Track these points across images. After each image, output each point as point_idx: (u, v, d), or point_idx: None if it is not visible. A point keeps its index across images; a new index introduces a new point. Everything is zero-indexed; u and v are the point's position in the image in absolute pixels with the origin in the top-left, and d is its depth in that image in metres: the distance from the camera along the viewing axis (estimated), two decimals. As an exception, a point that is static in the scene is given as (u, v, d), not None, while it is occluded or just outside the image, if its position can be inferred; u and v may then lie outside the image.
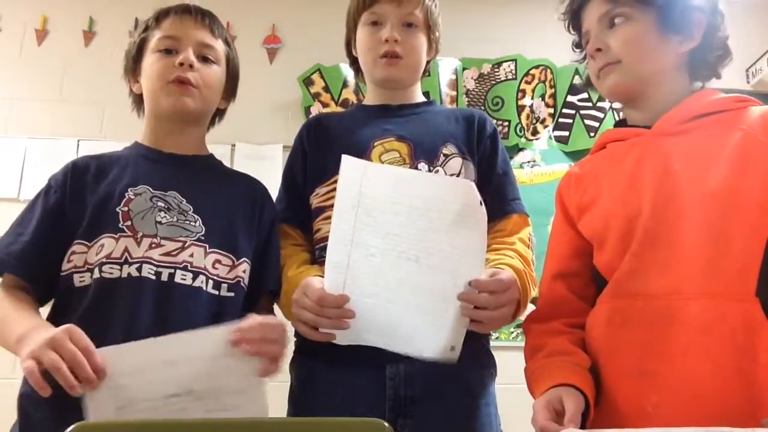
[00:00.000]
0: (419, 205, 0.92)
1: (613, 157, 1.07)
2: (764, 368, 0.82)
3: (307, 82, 2.88)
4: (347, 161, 0.93)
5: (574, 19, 1.13)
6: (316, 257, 1.15)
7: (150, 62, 1.15)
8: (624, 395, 0.92)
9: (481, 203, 0.94)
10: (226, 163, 2.69)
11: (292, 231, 1.19)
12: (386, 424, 0.72)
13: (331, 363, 1.09)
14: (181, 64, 1.12)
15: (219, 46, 1.20)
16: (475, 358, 1.13)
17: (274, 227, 1.19)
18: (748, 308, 0.85)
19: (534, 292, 1.11)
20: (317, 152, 1.21)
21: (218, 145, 2.72)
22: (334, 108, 2.84)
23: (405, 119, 1.22)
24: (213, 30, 1.19)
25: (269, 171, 2.67)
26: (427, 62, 1.28)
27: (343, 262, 0.92)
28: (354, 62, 1.30)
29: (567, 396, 0.89)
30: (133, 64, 1.20)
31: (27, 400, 0.99)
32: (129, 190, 1.09)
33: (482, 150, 1.21)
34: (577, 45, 1.17)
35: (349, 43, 1.29)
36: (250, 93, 2.79)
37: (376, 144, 1.17)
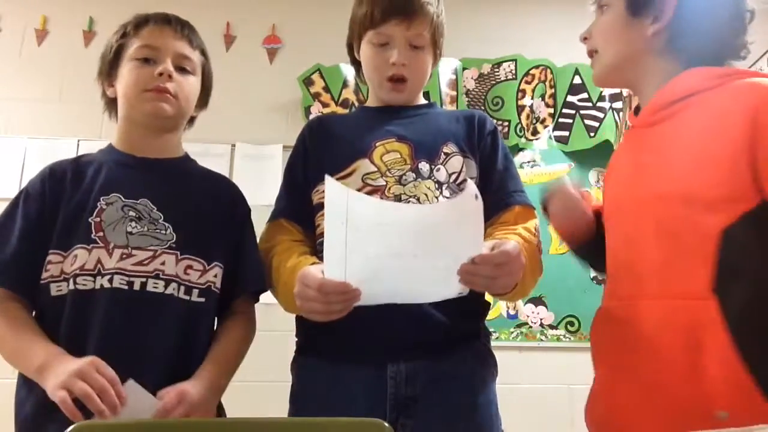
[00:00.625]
0: (406, 228, 0.92)
1: (619, 147, 1.14)
2: (713, 364, 0.83)
3: (307, 82, 2.88)
4: (330, 185, 0.92)
5: None
6: (318, 252, 1.14)
7: (128, 69, 1.16)
8: (606, 390, 0.98)
9: (477, 197, 0.92)
10: (226, 162, 2.75)
11: (291, 227, 1.18)
12: (386, 424, 0.72)
13: (331, 362, 1.09)
14: (161, 74, 1.13)
15: (196, 57, 1.20)
16: (476, 357, 1.13)
17: (246, 227, 1.20)
18: (702, 306, 0.85)
19: (540, 275, 1.13)
20: (319, 152, 1.21)
21: (218, 144, 2.72)
22: (334, 108, 2.84)
23: (407, 120, 1.22)
24: (191, 41, 1.20)
25: (269, 171, 2.67)
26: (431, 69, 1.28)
27: (341, 261, 0.91)
28: (355, 62, 1.30)
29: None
30: (109, 69, 1.21)
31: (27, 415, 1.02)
32: (101, 199, 1.09)
33: (483, 147, 1.21)
34: None
35: (351, 45, 1.28)
36: (250, 93, 2.82)
37: (377, 145, 1.17)
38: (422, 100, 1.30)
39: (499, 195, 1.16)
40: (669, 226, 0.90)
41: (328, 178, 0.92)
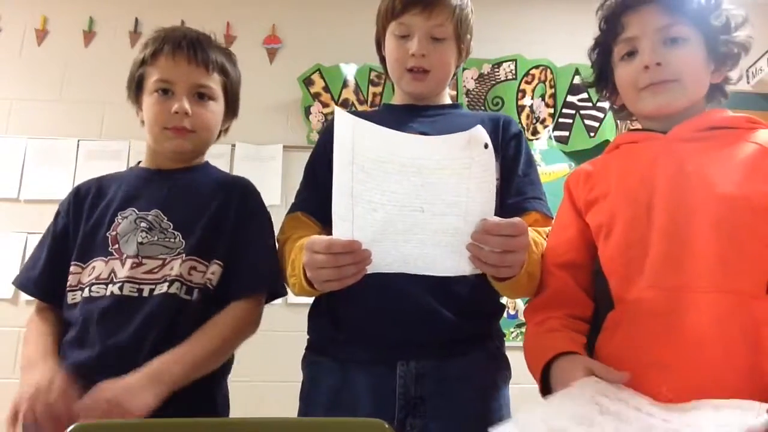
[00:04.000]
0: (410, 164, 0.88)
1: (625, 156, 1.09)
2: None
3: (307, 82, 2.88)
4: (339, 115, 0.89)
5: (614, 19, 1.11)
6: None
7: (148, 104, 1.19)
8: (639, 386, 0.92)
9: (486, 146, 0.89)
10: (226, 162, 2.75)
11: (309, 221, 1.17)
12: (386, 424, 0.72)
13: (341, 361, 1.09)
14: (177, 113, 1.16)
15: (214, 81, 1.21)
16: (488, 359, 1.13)
17: (252, 222, 1.19)
18: (759, 304, 0.88)
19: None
20: None
21: (218, 144, 2.70)
22: (334, 108, 2.84)
23: (430, 119, 1.21)
24: (207, 65, 1.20)
25: (269, 171, 2.66)
26: (456, 66, 1.26)
27: (348, 215, 0.89)
28: (384, 61, 1.28)
29: (582, 361, 0.93)
30: (135, 97, 1.24)
31: None
32: (118, 214, 1.15)
33: (506, 151, 1.19)
34: (600, 44, 1.15)
35: (379, 42, 1.27)
36: (250, 93, 2.79)
37: None
38: (447, 100, 1.29)
39: (518, 199, 1.14)
40: (729, 226, 0.92)
41: (337, 109, 0.89)
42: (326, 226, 1.12)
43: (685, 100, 1.06)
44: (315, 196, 1.17)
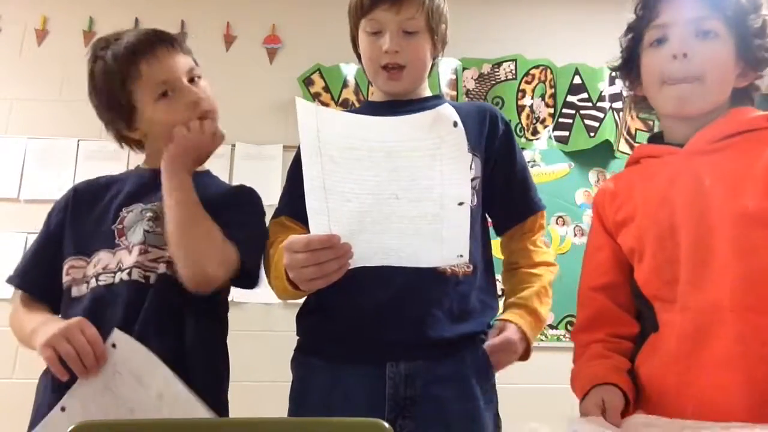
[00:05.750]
0: (379, 148, 0.85)
1: (645, 174, 1.09)
2: None
3: (307, 82, 2.88)
4: (301, 105, 0.85)
5: (650, 4, 1.08)
6: None
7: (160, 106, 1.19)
8: (666, 405, 0.94)
9: (455, 124, 0.85)
10: (226, 162, 2.75)
11: (294, 225, 1.15)
12: (386, 424, 0.72)
13: (331, 361, 1.09)
14: (198, 103, 1.16)
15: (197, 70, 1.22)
16: (478, 360, 1.12)
17: (238, 206, 1.20)
18: None
19: (547, 317, 1.20)
20: None
21: (218, 145, 2.73)
22: (334, 108, 2.84)
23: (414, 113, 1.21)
24: (183, 51, 1.21)
25: (269, 171, 2.67)
26: (433, 58, 1.25)
27: (323, 209, 0.87)
28: (360, 58, 1.26)
29: (607, 393, 0.96)
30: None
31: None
32: (123, 209, 1.16)
33: (497, 147, 1.18)
34: (632, 29, 1.12)
35: (354, 39, 1.26)
36: (250, 93, 2.82)
37: None
38: (428, 93, 1.27)
39: (529, 197, 1.21)
40: (748, 243, 0.93)
41: (298, 99, 0.86)
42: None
43: (705, 103, 1.03)
44: (297, 199, 1.15)
